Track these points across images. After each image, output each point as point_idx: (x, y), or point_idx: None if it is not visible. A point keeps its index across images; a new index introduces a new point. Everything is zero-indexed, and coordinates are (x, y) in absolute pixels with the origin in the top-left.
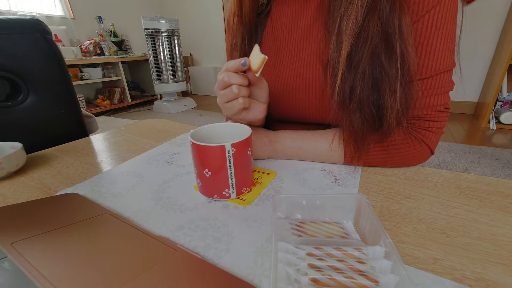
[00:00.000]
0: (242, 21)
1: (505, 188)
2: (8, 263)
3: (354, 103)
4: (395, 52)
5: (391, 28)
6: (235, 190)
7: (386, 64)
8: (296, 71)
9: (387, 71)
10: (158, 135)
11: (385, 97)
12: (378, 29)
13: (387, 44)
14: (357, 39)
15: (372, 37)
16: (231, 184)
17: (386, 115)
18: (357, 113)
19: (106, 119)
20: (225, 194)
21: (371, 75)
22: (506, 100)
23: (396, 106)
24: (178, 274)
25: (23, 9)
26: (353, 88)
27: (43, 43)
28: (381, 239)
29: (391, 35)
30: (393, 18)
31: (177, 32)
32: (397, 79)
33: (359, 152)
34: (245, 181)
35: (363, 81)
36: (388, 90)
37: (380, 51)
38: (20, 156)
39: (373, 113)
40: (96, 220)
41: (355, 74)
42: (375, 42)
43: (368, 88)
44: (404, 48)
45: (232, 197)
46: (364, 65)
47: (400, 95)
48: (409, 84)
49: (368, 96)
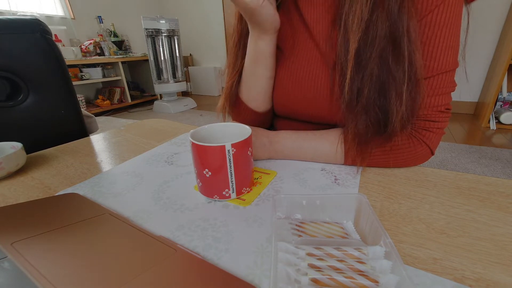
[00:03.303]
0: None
1: (505, 188)
2: (8, 263)
3: (361, 104)
4: (403, 55)
5: (400, 31)
6: (235, 190)
7: (393, 67)
8: (308, 70)
9: (394, 74)
10: (158, 135)
11: (391, 101)
12: (387, 30)
13: (394, 47)
14: (365, 37)
15: (381, 37)
16: (231, 184)
17: (391, 119)
18: (363, 115)
19: (106, 119)
20: (225, 194)
21: (378, 77)
22: (506, 100)
23: (401, 110)
24: (178, 274)
25: (23, 9)
26: (361, 89)
27: (43, 43)
28: (381, 239)
29: (399, 37)
30: (401, 20)
31: (177, 32)
32: (404, 82)
33: (362, 154)
34: (245, 181)
35: (370, 83)
36: (395, 93)
37: (388, 53)
38: (20, 156)
39: (378, 116)
40: (96, 220)
41: (363, 75)
42: (383, 44)
43: (375, 90)
44: (412, 52)
45: (232, 197)
46: (372, 66)
47: (406, 99)
48: (415, 88)
49: (374, 98)
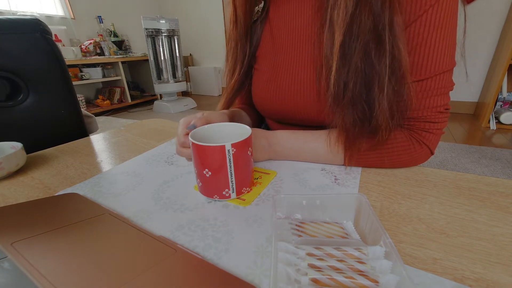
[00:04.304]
0: (237, 26)
1: (505, 188)
2: (8, 263)
3: (347, 98)
4: (384, 48)
5: (382, 24)
6: (235, 190)
7: (375, 61)
8: (293, 76)
9: (376, 67)
10: (158, 135)
11: (373, 93)
12: (370, 23)
13: (377, 40)
14: (350, 31)
15: (365, 31)
16: (231, 184)
17: (373, 112)
18: (349, 108)
19: (106, 119)
20: (225, 194)
21: (363, 71)
22: (506, 100)
23: (383, 104)
24: (178, 274)
25: (23, 9)
26: (347, 83)
27: (43, 43)
28: (381, 239)
29: (381, 30)
30: (384, 13)
31: (177, 32)
32: (386, 75)
33: (350, 151)
34: (245, 181)
35: (356, 77)
36: (377, 87)
37: (371, 46)
38: (20, 156)
39: (364, 110)
40: (96, 220)
41: (349, 68)
42: (367, 38)
43: (361, 84)
44: (396, 46)
45: (232, 197)
46: (356, 59)
47: (388, 93)
48: (399, 83)
49: (360, 92)
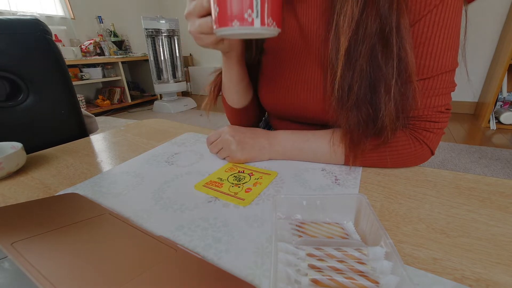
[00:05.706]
0: None
1: (505, 188)
2: (8, 263)
3: (352, 101)
4: (391, 51)
5: (389, 26)
6: (260, 15)
7: (382, 63)
8: (298, 73)
9: (383, 70)
10: (158, 135)
11: (380, 96)
12: (377, 27)
13: (384, 43)
14: (356, 36)
15: (371, 35)
16: (255, 2)
17: (379, 114)
18: (354, 111)
19: (106, 119)
20: (247, 19)
21: (368, 74)
22: (506, 100)
23: (389, 106)
24: (178, 274)
25: (23, 9)
26: (351, 86)
27: (43, 43)
28: (382, 239)
29: (388, 33)
30: (391, 16)
31: (177, 32)
32: (393, 77)
33: (354, 152)
34: (273, 7)
35: (360, 80)
36: (383, 89)
37: (377, 49)
38: (20, 156)
39: (369, 112)
40: (96, 220)
41: (353, 72)
42: (374, 41)
43: (366, 87)
44: (402, 48)
45: (256, 24)
46: (361, 62)
47: (395, 94)
48: (406, 85)
49: (365, 95)
